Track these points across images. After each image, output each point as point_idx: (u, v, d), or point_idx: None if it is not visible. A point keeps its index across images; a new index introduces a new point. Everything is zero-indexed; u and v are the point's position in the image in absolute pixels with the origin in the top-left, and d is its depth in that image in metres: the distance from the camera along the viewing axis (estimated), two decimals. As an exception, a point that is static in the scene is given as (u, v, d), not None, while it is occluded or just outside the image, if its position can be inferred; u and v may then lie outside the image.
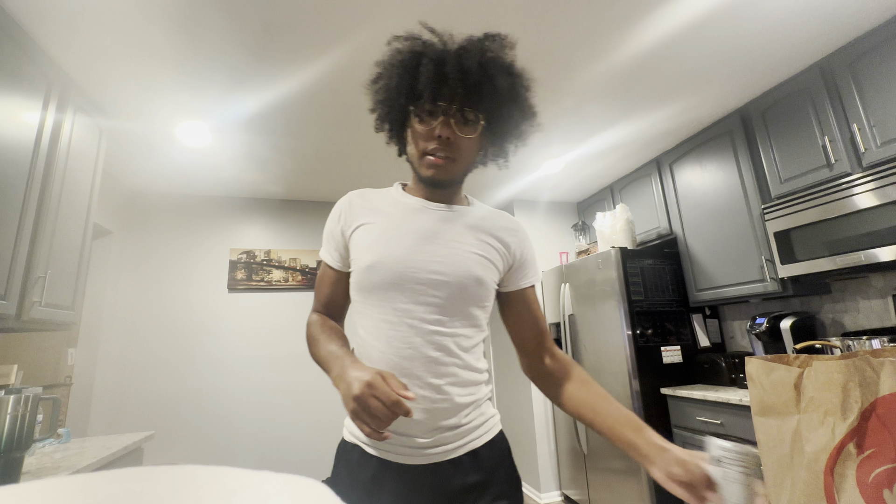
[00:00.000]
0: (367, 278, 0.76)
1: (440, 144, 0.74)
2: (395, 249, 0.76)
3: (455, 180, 0.82)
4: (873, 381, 0.90)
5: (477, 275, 0.79)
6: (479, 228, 0.83)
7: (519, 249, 0.86)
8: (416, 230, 0.79)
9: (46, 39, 1.57)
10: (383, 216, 0.81)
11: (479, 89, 0.72)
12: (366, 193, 0.86)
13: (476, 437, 0.77)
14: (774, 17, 1.65)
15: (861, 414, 0.90)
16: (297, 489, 0.22)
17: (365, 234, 0.80)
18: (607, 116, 2.33)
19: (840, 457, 0.91)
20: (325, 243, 0.86)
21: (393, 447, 0.73)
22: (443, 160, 0.75)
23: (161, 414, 2.78)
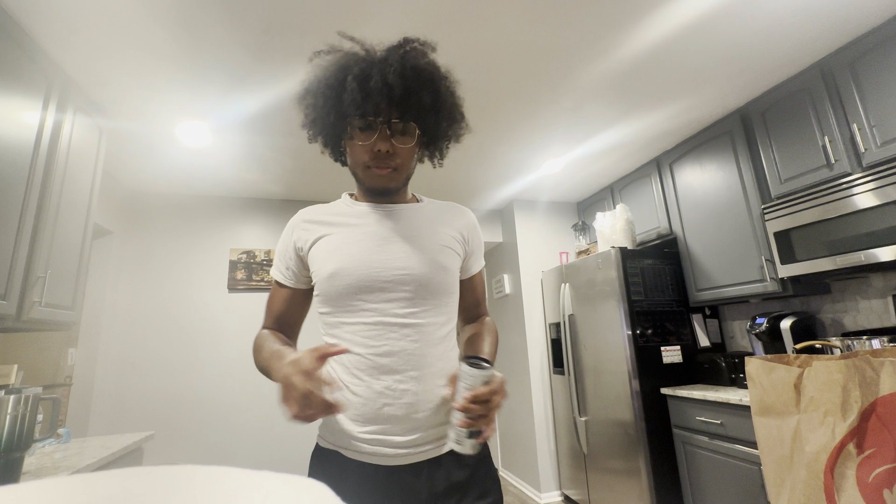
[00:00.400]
0: (333, 286, 0.77)
1: (380, 157, 0.76)
2: (356, 253, 0.78)
3: (400, 186, 0.84)
4: (873, 381, 0.90)
5: (442, 263, 0.82)
6: (437, 221, 0.87)
7: (471, 238, 0.91)
8: (374, 232, 0.81)
9: (46, 39, 1.57)
10: (338, 226, 0.82)
11: (408, 100, 0.74)
12: (314, 209, 0.87)
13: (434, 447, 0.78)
14: (774, 17, 1.65)
15: (861, 414, 0.90)
16: (297, 489, 0.22)
17: (323, 245, 0.80)
18: (607, 116, 2.33)
19: (840, 457, 0.91)
20: (276, 262, 0.87)
21: (373, 449, 0.73)
22: (385, 170, 0.78)
23: (161, 414, 2.78)
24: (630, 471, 2.33)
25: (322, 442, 0.79)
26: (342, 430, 0.75)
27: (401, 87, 0.72)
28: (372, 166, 0.78)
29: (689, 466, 2.15)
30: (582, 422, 2.75)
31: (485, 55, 1.79)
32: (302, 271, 0.84)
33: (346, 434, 0.74)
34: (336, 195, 3.52)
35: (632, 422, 2.32)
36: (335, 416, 0.76)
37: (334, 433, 0.76)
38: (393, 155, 0.77)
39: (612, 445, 2.48)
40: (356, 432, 0.74)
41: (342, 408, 0.61)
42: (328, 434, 0.78)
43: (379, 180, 0.79)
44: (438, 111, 0.79)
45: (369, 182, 0.80)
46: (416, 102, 0.75)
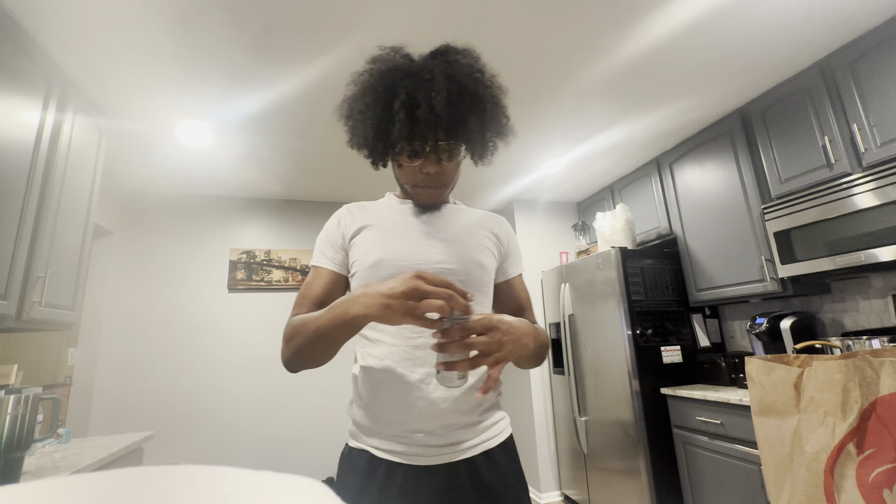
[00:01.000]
0: (374, 275, 0.77)
1: (428, 177, 0.79)
2: (400, 246, 0.80)
3: (446, 199, 0.89)
4: (873, 381, 0.90)
5: (480, 261, 0.84)
6: (474, 223, 0.90)
7: (507, 240, 0.93)
8: (417, 228, 0.84)
9: (46, 39, 1.57)
10: (383, 220, 0.85)
11: (454, 125, 0.74)
12: (362, 204, 0.90)
13: (490, 438, 0.78)
14: (774, 17, 1.65)
15: (861, 414, 0.90)
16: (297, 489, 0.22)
17: (367, 235, 0.82)
18: (607, 116, 2.33)
19: (840, 457, 0.91)
20: (321, 249, 0.85)
21: (404, 448, 0.72)
22: (433, 189, 0.81)
23: (161, 414, 2.78)
24: (630, 471, 2.33)
25: (352, 442, 0.79)
26: (373, 429, 0.75)
27: (447, 114, 0.72)
28: (420, 186, 0.81)
29: (689, 466, 2.15)
30: (582, 422, 2.75)
31: (485, 55, 1.78)
32: (345, 258, 0.84)
33: (377, 433, 0.75)
34: (336, 195, 3.50)
35: (632, 422, 2.32)
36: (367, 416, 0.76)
37: (364, 432, 0.76)
38: (440, 174, 0.79)
39: (612, 445, 2.48)
40: (388, 431, 0.74)
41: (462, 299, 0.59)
42: (358, 434, 0.78)
43: (427, 198, 0.83)
44: (484, 125, 0.78)
45: (418, 199, 0.84)
46: (463, 125, 0.75)
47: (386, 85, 0.75)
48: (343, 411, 3.10)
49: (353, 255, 0.83)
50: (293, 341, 0.73)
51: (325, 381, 3.13)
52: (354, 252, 0.82)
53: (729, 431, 1.93)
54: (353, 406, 0.81)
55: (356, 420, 0.79)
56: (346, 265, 0.84)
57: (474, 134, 0.77)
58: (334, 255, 0.84)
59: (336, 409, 3.10)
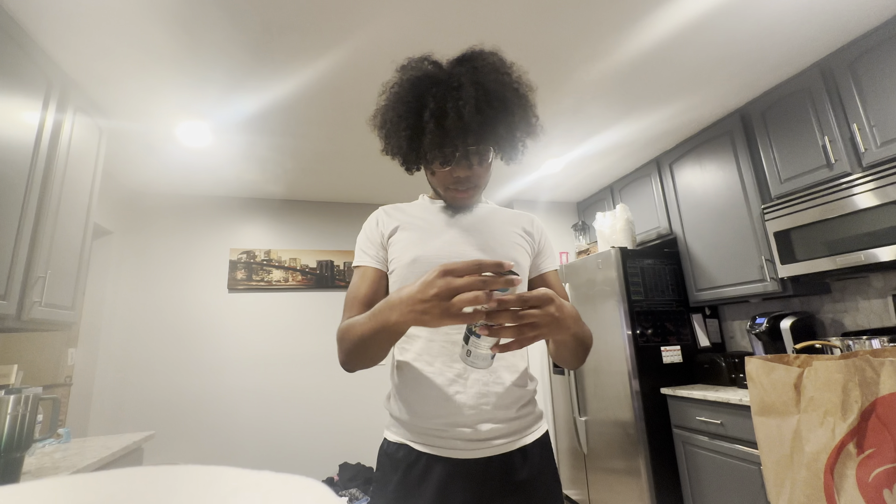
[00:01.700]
0: (413, 271, 0.80)
1: (460, 181, 0.82)
2: (435, 244, 0.83)
3: (478, 199, 0.93)
4: (873, 381, 0.90)
5: (514, 257, 0.86)
6: (506, 221, 0.92)
7: (540, 236, 0.95)
8: (452, 226, 0.87)
9: (46, 39, 1.57)
10: (419, 219, 0.88)
11: (484, 131, 0.75)
12: (397, 205, 0.94)
13: (527, 434, 0.79)
14: (774, 17, 1.65)
15: (861, 414, 0.90)
16: (297, 489, 0.22)
17: (405, 234, 0.86)
18: (607, 116, 2.33)
19: (840, 457, 0.91)
20: (363, 249, 0.88)
21: (445, 441, 0.74)
22: (465, 193, 0.85)
23: (161, 414, 2.78)
24: (630, 471, 2.33)
25: (390, 436, 0.81)
26: (412, 423, 0.77)
27: (476, 121, 0.73)
28: (452, 189, 0.84)
29: (689, 466, 2.15)
30: (582, 422, 2.75)
31: (485, 55, 1.79)
32: (386, 255, 0.87)
33: (415, 428, 0.77)
34: (336, 195, 3.49)
35: (632, 422, 2.32)
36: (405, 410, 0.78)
37: (403, 426, 0.78)
38: (471, 177, 0.82)
39: (612, 445, 2.48)
40: (427, 425, 0.75)
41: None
42: (397, 427, 0.80)
43: (460, 202, 0.87)
44: (513, 127, 0.79)
45: (450, 201, 0.88)
46: (492, 130, 0.76)
47: (416, 95, 0.78)
48: (343, 411, 3.11)
49: (391, 254, 0.86)
50: (343, 345, 0.74)
51: (325, 381, 3.13)
52: (392, 250, 0.85)
53: (729, 431, 1.93)
54: (391, 400, 0.83)
55: (394, 414, 0.81)
56: (387, 262, 0.87)
57: (503, 137, 0.79)
58: (376, 254, 0.87)
59: (336, 410, 3.10)
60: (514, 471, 0.75)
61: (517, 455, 0.76)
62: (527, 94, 0.82)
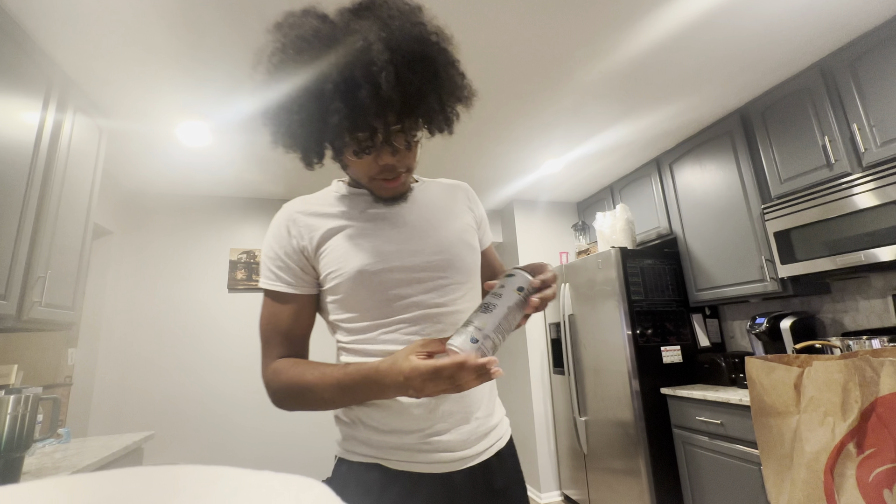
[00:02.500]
0: (362, 285, 0.68)
1: (387, 169, 0.66)
2: (382, 245, 0.70)
3: (410, 184, 0.77)
4: (873, 380, 0.90)
5: (468, 241, 0.77)
6: (448, 199, 0.81)
7: (478, 208, 0.87)
8: (395, 220, 0.73)
9: (46, 39, 1.57)
10: (347, 220, 0.72)
11: (413, 98, 0.59)
12: (307, 200, 0.76)
13: (499, 438, 0.75)
14: (774, 17, 1.65)
15: (861, 414, 0.90)
16: (297, 489, 0.22)
17: (338, 241, 0.70)
18: (607, 116, 2.33)
19: (840, 457, 0.91)
20: (274, 271, 0.71)
21: (422, 456, 0.66)
22: (395, 181, 0.68)
23: (161, 414, 2.78)
24: (630, 471, 2.33)
25: (353, 456, 0.69)
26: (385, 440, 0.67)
27: (399, 94, 0.57)
28: (378, 178, 0.68)
29: (689, 466, 2.15)
30: (582, 422, 2.75)
31: (485, 55, 1.79)
32: (307, 275, 0.72)
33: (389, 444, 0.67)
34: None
35: (632, 422, 2.32)
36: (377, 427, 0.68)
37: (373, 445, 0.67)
38: (400, 160, 0.66)
39: (612, 445, 2.48)
40: (408, 440, 0.66)
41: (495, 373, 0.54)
42: (364, 447, 0.68)
43: (389, 191, 0.71)
44: (441, 94, 0.63)
45: (378, 192, 0.71)
46: (419, 101, 0.60)
47: (306, 63, 0.58)
48: (343, 411, 3.10)
49: (325, 267, 0.70)
50: (293, 401, 0.67)
51: (325, 381, 3.13)
52: (326, 263, 0.70)
53: (729, 431, 1.93)
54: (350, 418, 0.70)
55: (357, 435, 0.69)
56: (312, 283, 0.72)
57: (433, 109, 0.62)
58: (293, 277, 0.71)
59: (336, 409, 3.10)
60: (491, 479, 0.70)
61: (493, 461, 0.71)
62: (449, 49, 0.65)
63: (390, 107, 0.57)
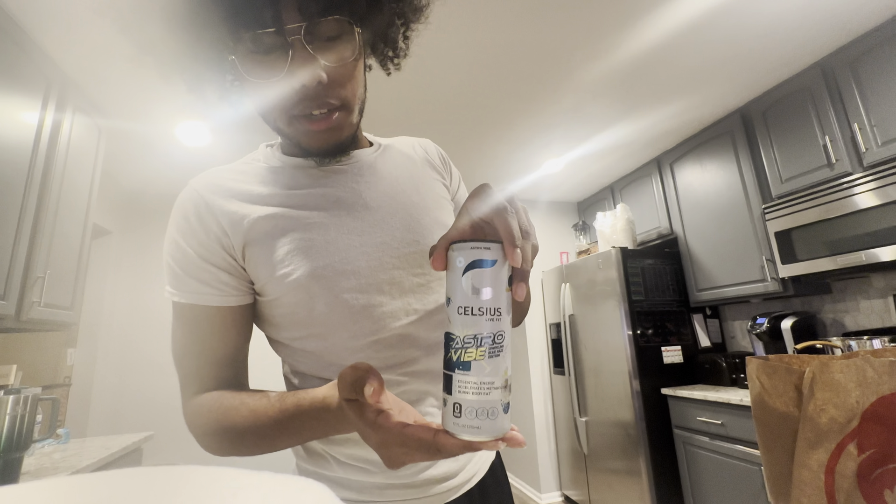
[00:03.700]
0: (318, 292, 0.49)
1: (309, 97, 0.45)
2: (339, 238, 0.51)
3: (353, 133, 0.53)
4: (874, 380, 0.90)
5: (442, 220, 0.59)
6: (409, 162, 0.62)
7: (449, 166, 0.69)
8: (347, 201, 0.53)
9: (46, 39, 1.57)
10: (281, 198, 0.52)
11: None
12: (223, 178, 0.54)
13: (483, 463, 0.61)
14: (774, 16, 1.64)
15: (862, 414, 0.90)
16: (297, 489, 0.22)
17: (275, 235, 0.50)
18: (607, 116, 2.33)
19: (840, 457, 0.91)
20: (183, 278, 0.50)
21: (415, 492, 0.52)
22: (326, 119, 0.47)
23: (161, 414, 2.78)
24: (630, 471, 2.33)
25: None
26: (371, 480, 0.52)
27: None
28: (300, 115, 0.47)
29: (689, 467, 2.15)
30: (582, 422, 2.75)
31: (484, 55, 1.79)
32: (234, 279, 0.51)
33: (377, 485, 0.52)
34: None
35: (632, 422, 2.32)
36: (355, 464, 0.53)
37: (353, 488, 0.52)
38: (329, 86, 0.45)
39: (612, 446, 2.48)
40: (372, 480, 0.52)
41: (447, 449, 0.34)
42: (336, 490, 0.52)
43: (320, 137, 0.48)
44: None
45: (306, 142, 0.50)
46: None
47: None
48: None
49: (261, 271, 0.50)
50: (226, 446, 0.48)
51: (325, 381, 3.13)
52: (262, 267, 0.50)
53: (730, 432, 1.93)
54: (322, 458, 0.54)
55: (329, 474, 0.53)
56: (241, 288, 0.52)
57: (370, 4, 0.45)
58: (216, 282, 0.50)
59: (336, 410, 3.10)
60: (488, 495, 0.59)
61: (475, 491, 0.57)
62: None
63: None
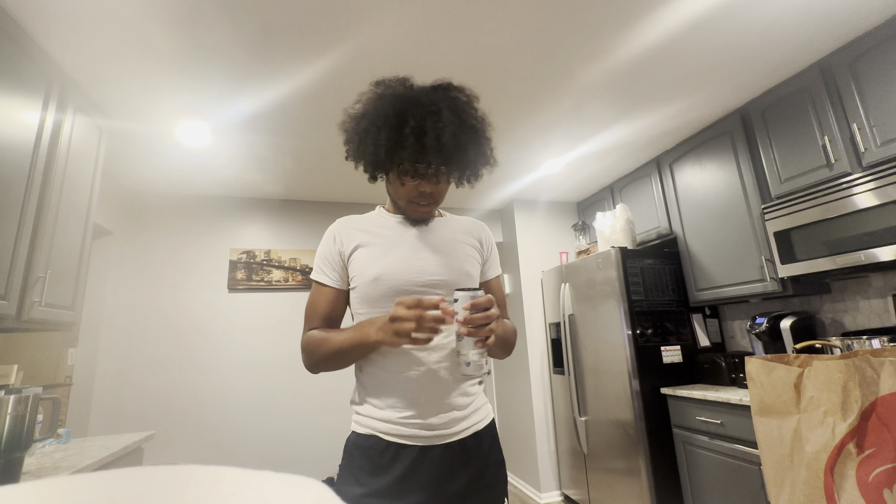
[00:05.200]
0: (375, 289, 0.88)
1: (424, 196, 0.89)
2: (396, 261, 0.90)
3: (435, 214, 1.00)
4: (873, 380, 0.90)
5: (467, 270, 0.95)
6: (459, 232, 1.01)
7: (489, 245, 1.05)
8: (410, 243, 0.93)
9: (46, 39, 1.57)
10: (377, 236, 0.94)
11: (455, 156, 0.85)
12: (353, 219, 0.99)
13: (477, 422, 0.90)
14: (774, 16, 1.64)
15: (861, 413, 0.90)
16: (297, 489, 0.22)
17: (365, 252, 0.92)
18: (607, 116, 2.33)
19: (840, 456, 0.91)
20: (320, 266, 0.94)
21: (411, 432, 0.84)
22: (427, 207, 0.92)
23: (161, 414, 2.78)
24: (630, 471, 2.33)
25: (360, 428, 0.88)
26: (381, 417, 0.86)
27: (451, 145, 0.83)
28: (415, 202, 0.90)
29: (689, 466, 2.16)
30: (582, 422, 2.75)
31: (485, 55, 1.79)
32: (344, 274, 0.93)
33: (384, 420, 0.85)
34: (335, 195, 3.49)
35: (632, 422, 2.32)
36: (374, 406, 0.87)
37: (373, 421, 0.86)
38: (434, 193, 0.90)
39: (612, 445, 2.48)
40: (395, 417, 0.84)
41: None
42: (366, 420, 0.87)
43: (420, 214, 0.94)
44: (477, 157, 0.90)
45: (411, 213, 0.94)
46: (462, 155, 0.86)
47: (397, 110, 0.84)
48: (342, 411, 3.10)
49: (352, 271, 0.92)
50: (315, 355, 0.88)
51: (325, 381, 3.13)
52: (353, 268, 0.92)
53: (729, 431, 1.93)
54: (358, 398, 0.91)
55: (361, 410, 0.89)
56: (344, 279, 0.94)
57: (468, 164, 0.89)
58: (332, 273, 0.93)
59: (336, 410, 3.10)
60: (469, 454, 0.86)
61: (471, 440, 0.87)
62: (488, 130, 0.92)
63: (443, 152, 0.83)
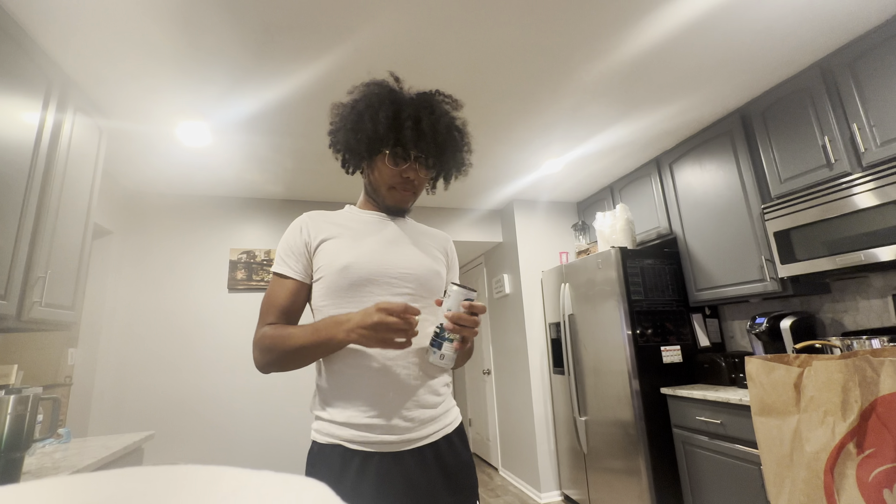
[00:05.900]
0: (344, 278, 0.84)
1: (407, 182, 0.91)
2: (367, 252, 0.88)
3: (412, 206, 1.00)
4: (873, 380, 0.90)
5: (436, 269, 0.95)
6: (426, 235, 1.02)
7: (452, 259, 1.06)
8: (381, 236, 0.93)
9: (46, 39, 1.57)
10: (346, 229, 0.92)
11: (443, 146, 0.89)
12: (321, 212, 0.97)
13: (448, 424, 0.88)
14: (774, 17, 1.64)
15: (861, 413, 0.90)
16: (297, 489, 0.22)
17: (333, 243, 0.89)
18: (607, 116, 2.33)
19: (840, 456, 0.91)
20: (283, 258, 0.90)
21: (378, 437, 0.79)
22: (408, 193, 0.93)
23: (161, 414, 2.78)
24: (630, 471, 2.33)
25: (322, 438, 0.82)
26: (345, 422, 0.80)
27: (443, 136, 0.88)
28: (398, 188, 0.91)
29: (689, 466, 2.16)
30: (582, 422, 2.75)
31: (485, 55, 1.79)
32: (308, 267, 0.90)
33: (349, 425, 0.80)
34: (335, 195, 3.49)
35: (632, 421, 2.32)
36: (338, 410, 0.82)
37: (336, 427, 0.81)
38: (415, 182, 0.91)
39: (612, 445, 2.48)
40: (361, 420, 0.79)
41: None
42: (328, 428, 0.82)
43: (401, 201, 0.94)
44: (455, 157, 0.94)
45: (391, 200, 0.94)
46: (450, 148, 0.91)
47: (393, 98, 0.88)
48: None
49: (318, 261, 0.88)
50: (272, 353, 0.82)
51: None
52: (320, 259, 0.88)
53: (729, 431, 1.93)
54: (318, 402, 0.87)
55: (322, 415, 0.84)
56: (308, 273, 0.90)
57: (450, 160, 0.94)
58: (296, 264, 0.89)
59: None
60: (441, 458, 0.83)
61: (442, 444, 0.84)
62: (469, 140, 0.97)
63: (431, 140, 0.87)
